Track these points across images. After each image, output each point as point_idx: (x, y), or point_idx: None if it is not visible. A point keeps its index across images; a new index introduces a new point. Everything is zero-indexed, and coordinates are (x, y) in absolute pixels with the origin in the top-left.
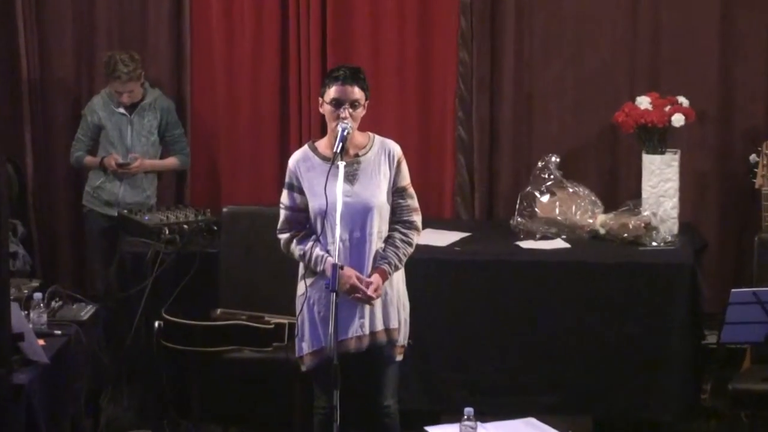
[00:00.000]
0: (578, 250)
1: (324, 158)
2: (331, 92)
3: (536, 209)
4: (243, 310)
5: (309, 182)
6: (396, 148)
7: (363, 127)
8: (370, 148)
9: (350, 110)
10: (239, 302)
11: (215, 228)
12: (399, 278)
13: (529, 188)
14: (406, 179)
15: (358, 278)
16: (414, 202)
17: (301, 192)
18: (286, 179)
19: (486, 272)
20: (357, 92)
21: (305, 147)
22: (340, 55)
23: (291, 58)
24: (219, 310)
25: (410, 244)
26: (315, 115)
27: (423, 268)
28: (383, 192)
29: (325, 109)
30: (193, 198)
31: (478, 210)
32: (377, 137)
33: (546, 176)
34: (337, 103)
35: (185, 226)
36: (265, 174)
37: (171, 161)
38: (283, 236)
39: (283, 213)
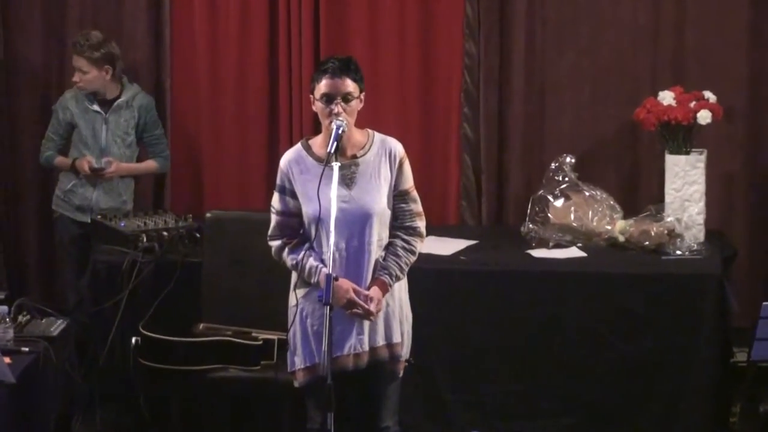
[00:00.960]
0: (595, 259)
1: (318, 159)
2: (321, 87)
3: (549, 215)
4: (228, 324)
5: (302, 185)
6: (398, 147)
7: (359, 125)
8: (369, 148)
9: (342, 105)
10: (224, 316)
11: (197, 235)
12: (401, 288)
13: (541, 192)
14: (408, 181)
15: (356, 291)
16: (417, 207)
17: (294, 195)
18: (278, 181)
19: (494, 284)
20: (349, 84)
21: (298, 146)
22: (334, 45)
23: (281, 50)
24: (202, 325)
25: (413, 253)
26: (307, 112)
27: (425, 280)
28: (384, 196)
29: (317, 106)
30: (174, 203)
31: (486, 215)
32: (377, 135)
33: (560, 178)
34: (328, 99)
35: (165, 234)
36: (252, 176)
37: (149, 164)
38: (275, 243)
39: (274, 218)
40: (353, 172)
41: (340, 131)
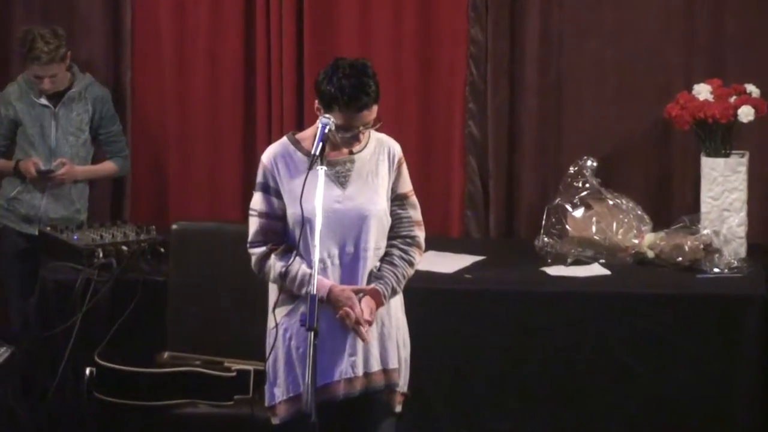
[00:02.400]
0: (620, 278)
1: (308, 154)
2: (337, 116)
3: (567, 226)
4: (197, 353)
5: (289, 183)
6: (396, 147)
7: None
8: (365, 145)
9: (362, 130)
10: (192, 343)
11: (162, 250)
12: (397, 306)
13: (558, 200)
14: (407, 185)
15: (356, 292)
16: (416, 214)
17: (279, 195)
18: (260, 179)
19: (503, 306)
20: (372, 112)
21: (284, 140)
22: (319, 31)
23: (258, 38)
24: (167, 354)
25: (411, 264)
26: (289, 109)
27: (424, 301)
28: (382, 198)
29: (324, 121)
30: (135, 212)
31: (494, 227)
32: (373, 133)
33: (580, 185)
34: (346, 129)
35: (124, 248)
36: (225, 182)
37: (106, 166)
38: (257, 251)
39: (256, 221)
40: (348, 170)
41: (326, 130)
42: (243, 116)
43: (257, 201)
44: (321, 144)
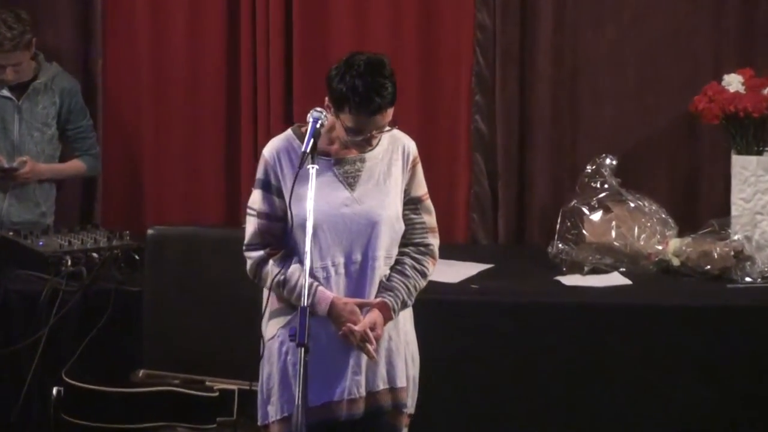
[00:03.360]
0: (642, 288)
1: (313, 150)
2: (348, 118)
3: (584, 231)
4: (176, 371)
5: (290, 181)
6: (411, 145)
7: None
8: (378, 141)
9: (375, 136)
10: (170, 361)
11: (136, 257)
12: (406, 319)
13: (574, 202)
14: (422, 187)
15: (361, 306)
16: (431, 220)
17: (281, 194)
18: (260, 175)
19: (514, 319)
20: (387, 115)
21: (287, 134)
22: (309, 15)
23: (243, 23)
24: (142, 372)
25: (424, 275)
26: (276, 102)
27: (426, 313)
28: (394, 202)
29: (337, 126)
30: (106, 216)
31: (503, 232)
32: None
33: (598, 185)
34: (357, 132)
35: (95, 255)
36: (205, 184)
37: (75, 165)
38: (254, 255)
39: (254, 222)
40: (358, 170)
41: (317, 125)
42: (226, 111)
43: (256, 199)
44: (312, 140)
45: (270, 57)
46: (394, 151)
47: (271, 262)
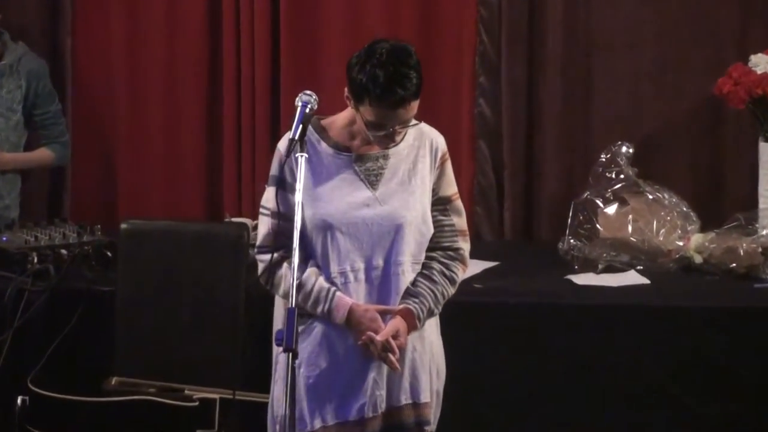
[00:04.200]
0: (662, 287)
1: (336, 146)
2: (368, 111)
3: (598, 226)
4: (152, 378)
5: (307, 179)
6: (440, 141)
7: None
8: (403, 136)
9: (397, 131)
10: (145, 367)
11: (109, 254)
12: (432, 328)
13: (587, 194)
14: (451, 186)
15: (382, 314)
16: (461, 222)
17: (294, 190)
18: (274, 171)
19: (521, 322)
20: (411, 109)
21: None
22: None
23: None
24: (115, 379)
25: (453, 282)
26: (262, 83)
27: None
28: (420, 202)
29: (357, 119)
30: (76, 209)
31: (509, 226)
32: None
33: (613, 176)
34: (378, 127)
35: (63, 252)
36: (184, 174)
37: (42, 154)
38: (266, 257)
39: (267, 222)
40: (380, 167)
41: (306, 110)
42: (207, 95)
43: (270, 198)
44: (300, 126)
45: (255, 37)
46: (421, 147)
47: (284, 265)
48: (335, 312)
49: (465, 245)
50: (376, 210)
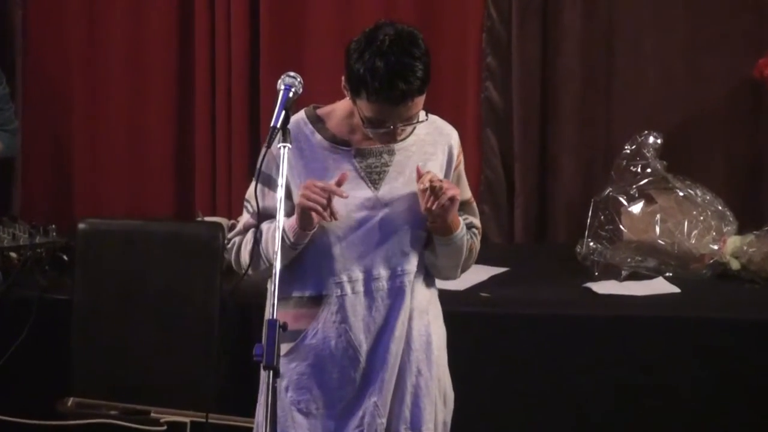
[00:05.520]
0: (694, 297)
1: (333, 139)
2: (366, 108)
3: (622, 227)
4: (113, 400)
5: (301, 176)
6: (454, 137)
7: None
8: (412, 130)
9: (399, 129)
10: (106, 386)
11: (65, 257)
12: (441, 351)
13: (609, 190)
14: (467, 190)
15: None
16: (477, 222)
17: (287, 192)
18: (261, 166)
19: (534, 335)
20: (415, 105)
21: (300, 116)
22: None
23: None
24: (71, 400)
25: (471, 251)
26: (238, 76)
27: None
28: None
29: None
30: (27, 207)
31: (521, 227)
32: (424, 114)
33: (638, 170)
34: (376, 124)
35: (13, 255)
36: (149, 166)
37: None
38: (236, 239)
39: (245, 219)
40: (384, 164)
41: (290, 94)
42: (176, 78)
43: (253, 193)
44: (284, 113)
45: (231, 13)
46: (432, 144)
47: (249, 232)
48: (290, 222)
49: (477, 242)
50: (377, 213)
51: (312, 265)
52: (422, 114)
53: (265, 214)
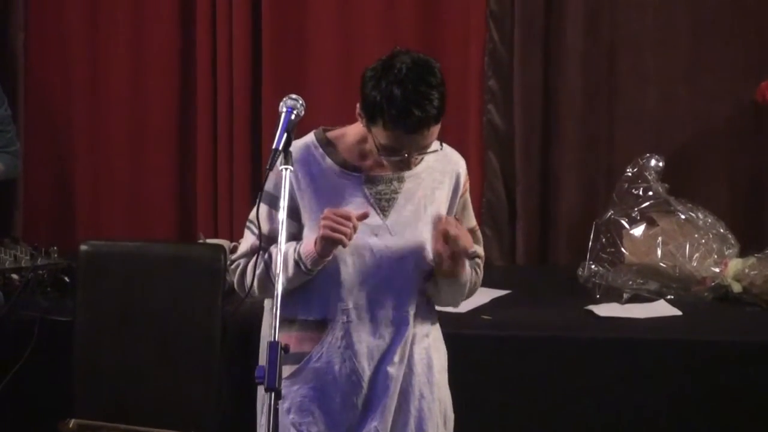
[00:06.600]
0: (696, 320)
1: (344, 164)
2: (382, 135)
3: (623, 249)
4: (114, 421)
5: (310, 200)
6: (462, 166)
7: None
8: (422, 157)
9: (414, 158)
10: (108, 408)
11: (66, 279)
12: (441, 373)
13: (611, 213)
14: (472, 218)
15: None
16: (480, 251)
17: (295, 215)
18: (268, 187)
19: (535, 358)
20: (431, 134)
21: (309, 139)
22: None
23: None
24: (73, 422)
25: (476, 285)
26: (241, 97)
27: None
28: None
29: (369, 138)
30: (29, 229)
31: (522, 250)
32: (438, 143)
33: (640, 192)
34: (391, 152)
35: (15, 276)
36: (151, 189)
37: None
38: (241, 261)
39: (251, 240)
40: (393, 191)
41: (292, 116)
42: (178, 100)
43: (262, 216)
44: (286, 135)
45: (233, 34)
46: (441, 172)
47: (255, 257)
48: (306, 248)
49: (480, 271)
50: (385, 241)
51: (319, 289)
52: (436, 143)
53: (273, 236)
